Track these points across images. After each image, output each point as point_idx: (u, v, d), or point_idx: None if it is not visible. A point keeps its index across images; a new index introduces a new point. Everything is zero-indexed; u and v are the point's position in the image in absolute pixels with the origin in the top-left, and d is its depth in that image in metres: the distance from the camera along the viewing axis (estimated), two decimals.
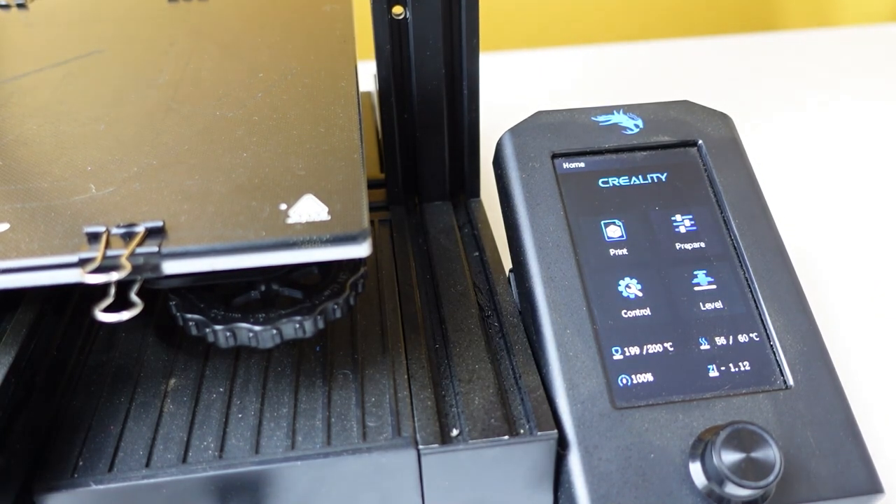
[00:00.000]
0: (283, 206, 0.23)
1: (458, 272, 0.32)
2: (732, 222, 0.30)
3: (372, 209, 0.37)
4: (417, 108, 0.35)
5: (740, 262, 0.29)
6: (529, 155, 0.32)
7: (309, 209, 0.23)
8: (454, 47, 0.34)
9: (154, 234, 0.22)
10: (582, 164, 0.32)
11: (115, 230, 0.22)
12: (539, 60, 0.66)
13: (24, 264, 0.21)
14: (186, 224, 0.22)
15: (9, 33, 0.37)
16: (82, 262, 0.21)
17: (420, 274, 0.32)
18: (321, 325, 0.25)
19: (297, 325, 0.24)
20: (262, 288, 0.26)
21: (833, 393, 0.26)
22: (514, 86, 0.61)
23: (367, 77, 0.48)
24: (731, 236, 0.30)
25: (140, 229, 0.22)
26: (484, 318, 0.30)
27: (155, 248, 0.21)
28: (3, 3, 0.40)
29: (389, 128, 0.35)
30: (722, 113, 0.34)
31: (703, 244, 0.30)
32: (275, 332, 0.24)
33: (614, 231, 0.30)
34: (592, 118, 0.34)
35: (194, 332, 0.25)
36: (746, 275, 0.29)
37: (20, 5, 0.40)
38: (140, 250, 0.21)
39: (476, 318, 0.30)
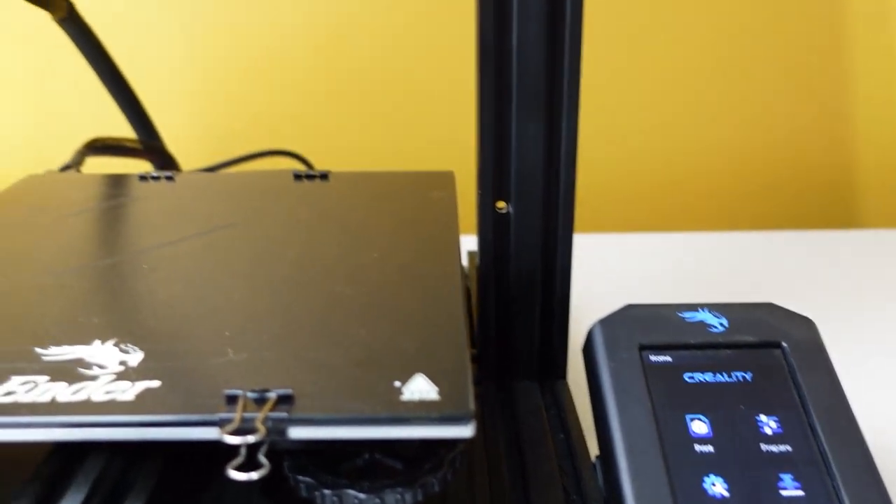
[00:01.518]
0: (398, 384, 0.25)
1: (544, 454, 0.33)
2: (818, 428, 0.31)
3: None
4: (513, 293, 0.38)
5: (827, 469, 0.30)
6: (618, 346, 0.34)
7: (420, 388, 0.25)
8: (550, 238, 0.37)
9: (284, 400, 0.24)
10: (669, 358, 0.34)
11: (249, 394, 0.24)
12: (629, 244, 0.69)
13: (171, 419, 0.24)
14: (311, 394, 0.25)
15: (159, 203, 0.42)
16: (221, 423, 0.23)
17: (508, 452, 0.33)
18: (420, 497, 0.26)
19: (399, 496, 0.26)
20: (367, 456, 0.28)
21: None
22: (603, 268, 0.64)
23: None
24: (817, 442, 0.30)
25: (272, 395, 0.24)
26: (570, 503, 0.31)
27: (284, 415, 0.24)
28: (155, 175, 0.46)
29: (486, 311, 0.38)
30: (805, 317, 0.35)
31: (789, 447, 0.30)
32: (378, 500, 0.26)
33: (700, 427, 0.31)
34: (679, 314, 0.35)
35: (304, 493, 0.26)
36: (833, 483, 0.29)
37: (168, 178, 0.46)
38: (271, 415, 0.24)
39: (562, 503, 0.30)
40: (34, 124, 0.79)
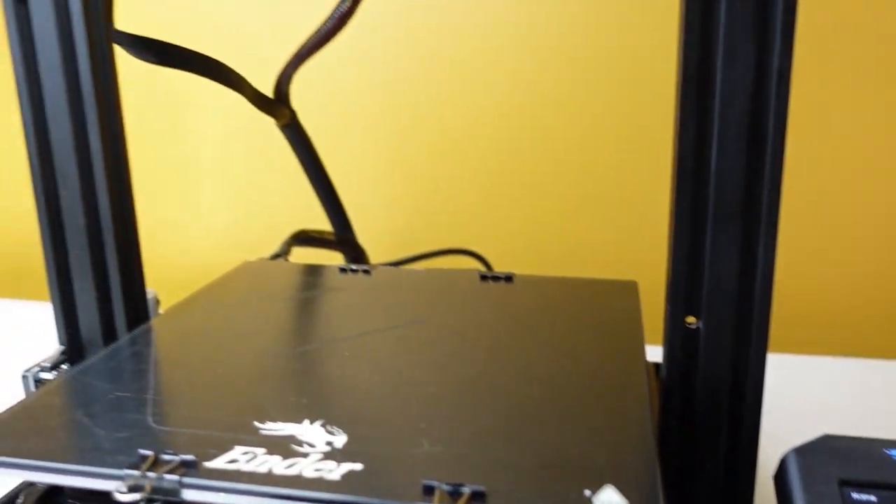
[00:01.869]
0: (588, 493, 0.25)
1: None
2: None
3: None
4: (698, 410, 0.37)
5: None
6: (816, 478, 0.32)
7: (610, 499, 0.25)
8: (742, 356, 0.36)
9: (477, 496, 0.25)
10: (873, 498, 0.31)
11: (445, 486, 0.25)
12: (823, 368, 0.65)
13: (373, 502, 0.25)
14: (503, 492, 0.25)
15: (358, 294, 0.46)
16: None
17: None
18: None
19: None
20: None
21: None
22: (795, 392, 0.60)
23: None
24: None
25: (466, 490, 0.25)
26: None
27: None
28: (354, 267, 0.50)
29: (669, 428, 0.37)
30: None
31: None
32: None
33: None
34: (884, 450, 0.33)
35: None
36: None
37: (365, 271, 0.49)
38: None
39: None
40: (243, 215, 0.88)
